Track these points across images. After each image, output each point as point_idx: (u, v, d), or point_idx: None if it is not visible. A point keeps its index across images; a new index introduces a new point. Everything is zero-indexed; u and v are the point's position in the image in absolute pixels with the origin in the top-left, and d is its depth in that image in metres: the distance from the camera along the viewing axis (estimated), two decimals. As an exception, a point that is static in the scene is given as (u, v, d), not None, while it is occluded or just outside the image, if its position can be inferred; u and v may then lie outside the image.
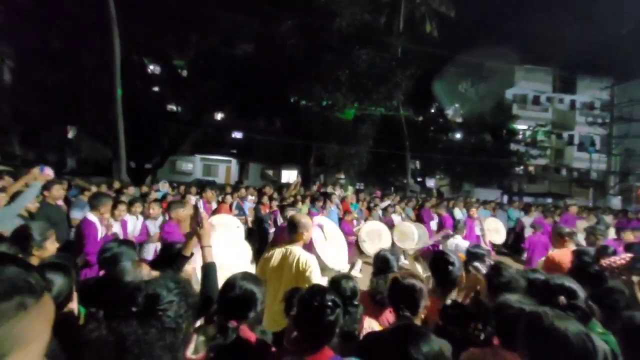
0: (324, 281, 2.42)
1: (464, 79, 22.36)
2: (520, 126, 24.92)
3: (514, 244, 9.78)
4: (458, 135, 24.14)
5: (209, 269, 1.95)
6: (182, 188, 9.08)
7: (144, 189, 8.58)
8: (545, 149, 25.29)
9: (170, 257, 2.20)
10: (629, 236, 5.36)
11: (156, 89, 17.34)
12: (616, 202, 24.72)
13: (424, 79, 18.59)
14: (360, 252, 7.09)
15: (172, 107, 17.97)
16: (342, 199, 9.30)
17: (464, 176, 22.60)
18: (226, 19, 14.20)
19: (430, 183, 24.73)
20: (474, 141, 22.83)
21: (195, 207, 6.96)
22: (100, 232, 3.74)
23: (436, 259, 2.43)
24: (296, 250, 2.58)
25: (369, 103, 17.05)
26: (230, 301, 1.64)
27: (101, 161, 17.53)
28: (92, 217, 3.77)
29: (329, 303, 1.48)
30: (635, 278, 2.21)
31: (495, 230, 8.05)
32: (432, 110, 23.39)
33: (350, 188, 14.59)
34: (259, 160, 22.70)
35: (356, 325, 1.97)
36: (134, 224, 4.70)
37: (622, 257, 2.58)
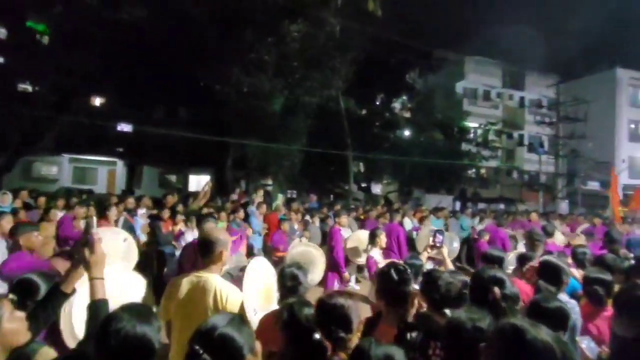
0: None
1: (412, 68, 23.45)
2: (471, 124, 26.91)
3: (468, 254, 10.16)
4: (407, 133, 25.14)
5: (98, 309, 1.79)
6: (43, 200, 8.56)
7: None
8: (496, 150, 27.63)
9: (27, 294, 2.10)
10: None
11: (0, 59, 15.61)
12: (564, 207, 27.97)
13: (367, 65, 18.99)
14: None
15: (25, 87, 16.27)
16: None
17: (413, 181, 23.46)
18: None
19: (377, 189, 25.40)
20: (423, 140, 23.87)
21: (87, 226, 5.98)
22: None
23: (384, 273, 2.36)
24: (212, 280, 2.39)
25: (302, 91, 16.92)
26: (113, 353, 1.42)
27: None
28: None
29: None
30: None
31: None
32: (377, 103, 24.06)
33: (280, 196, 14.62)
34: (157, 163, 21.25)
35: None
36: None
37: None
